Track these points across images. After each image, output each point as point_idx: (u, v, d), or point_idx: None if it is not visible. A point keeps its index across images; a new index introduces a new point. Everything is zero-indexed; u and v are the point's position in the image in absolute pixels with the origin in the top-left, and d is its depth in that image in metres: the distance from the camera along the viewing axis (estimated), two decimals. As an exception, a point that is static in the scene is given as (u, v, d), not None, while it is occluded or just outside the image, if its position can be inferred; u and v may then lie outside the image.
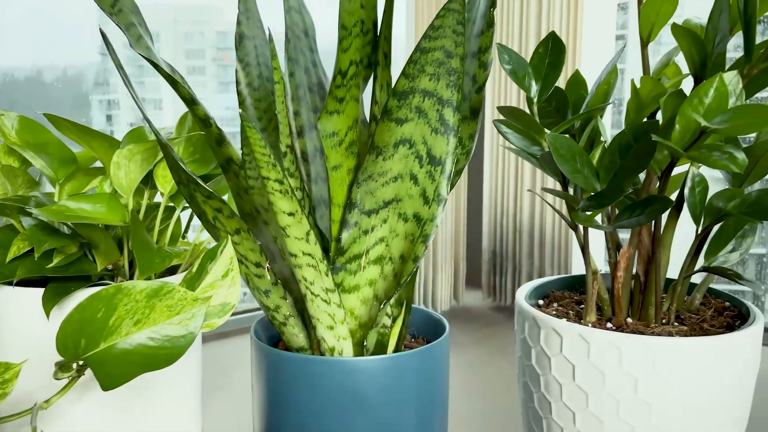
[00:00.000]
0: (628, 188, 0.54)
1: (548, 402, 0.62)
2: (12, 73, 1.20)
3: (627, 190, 0.54)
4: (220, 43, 1.86)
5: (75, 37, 1.36)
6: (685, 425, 0.56)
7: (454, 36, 0.59)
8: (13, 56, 1.18)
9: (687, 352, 0.55)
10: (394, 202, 0.65)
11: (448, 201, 1.42)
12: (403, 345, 0.74)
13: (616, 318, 0.65)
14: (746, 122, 0.47)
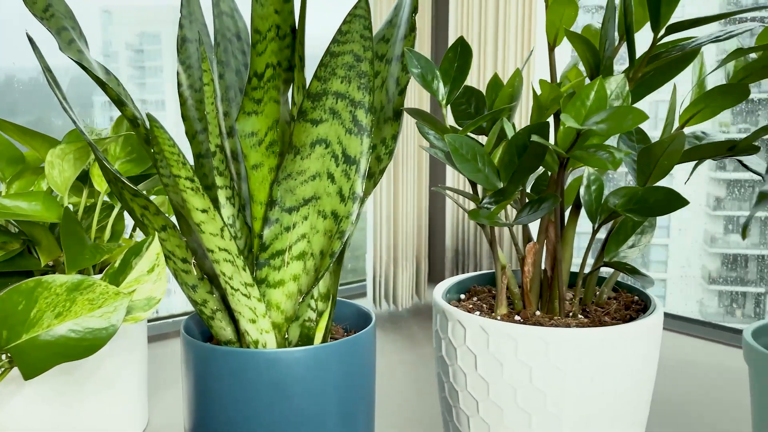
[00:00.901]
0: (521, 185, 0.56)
1: (456, 391, 0.65)
2: (14, 75, 1.21)
3: (519, 188, 0.56)
4: None
5: None
6: (581, 413, 0.59)
7: (362, 41, 0.62)
8: (15, 58, 1.19)
9: (578, 342, 0.58)
10: (313, 200, 0.68)
11: (412, 199, 1.45)
12: (330, 338, 0.77)
13: (525, 311, 0.67)
14: (617, 123, 0.49)
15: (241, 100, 0.65)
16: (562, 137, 0.54)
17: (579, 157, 0.53)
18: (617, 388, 0.59)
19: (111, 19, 3.09)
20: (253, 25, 0.63)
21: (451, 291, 0.75)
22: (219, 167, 0.73)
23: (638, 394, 0.62)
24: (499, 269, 0.67)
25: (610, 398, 0.59)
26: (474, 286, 0.78)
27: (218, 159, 0.73)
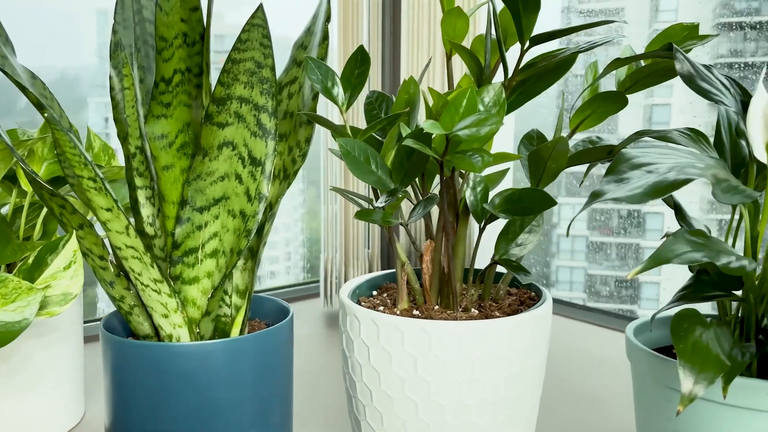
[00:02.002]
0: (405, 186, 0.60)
1: (354, 381, 0.68)
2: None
3: (402, 189, 0.60)
4: (218, 46, 1.92)
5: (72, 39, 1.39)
6: (462, 401, 0.63)
7: (261, 48, 0.65)
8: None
9: (458, 334, 0.61)
10: (223, 200, 0.71)
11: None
12: (247, 332, 0.80)
13: (425, 306, 0.71)
14: (477, 129, 0.53)
15: (149, 104, 0.68)
16: (437, 142, 0.57)
17: (451, 160, 0.57)
18: (498, 377, 0.63)
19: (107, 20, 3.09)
20: (158, 33, 0.66)
21: (363, 287, 0.78)
22: (139, 168, 0.76)
23: (522, 383, 0.66)
24: (399, 266, 0.71)
25: (491, 387, 0.63)
26: (386, 282, 0.81)
27: (138, 160, 0.76)
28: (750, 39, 1.46)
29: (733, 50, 1.46)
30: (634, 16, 1.67)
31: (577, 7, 1.71)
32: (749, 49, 1.45)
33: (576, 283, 1.92)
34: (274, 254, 2.08)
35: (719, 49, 1.49)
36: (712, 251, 0.48)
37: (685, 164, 0.49)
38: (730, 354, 0.54)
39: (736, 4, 1.47)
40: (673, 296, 0.62)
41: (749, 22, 1.45)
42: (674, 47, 0.60)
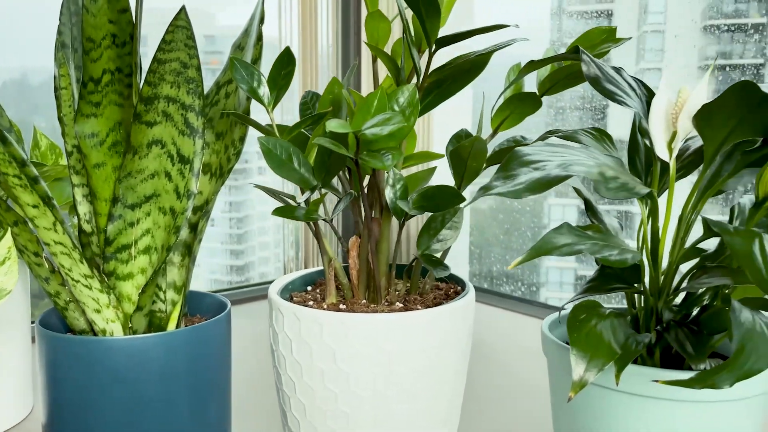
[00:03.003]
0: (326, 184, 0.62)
1: (280, 374, 0.70)
2: (-1, 76, 1.22)
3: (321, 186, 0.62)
4: (208, 46, 1.91)
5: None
6: (380, 391, 0.65)
7: (186, 49, 0.67)
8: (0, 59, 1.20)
9: (374, 326, 0.64)
10: (154, 197, 0.73)
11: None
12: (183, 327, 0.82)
13: (353, 300, 0.73)
14: (381, 128, 0.55)
15: (78, 104, 0.69)
16: (351, 141, 0.59)
17: (364, 159, 0.59)
18: (416, 368, 0.65)
19: None
20: (86, 34, 0.68)
21: (297, 283, 0.80)
22: (75, 166, 0.77)
23: (440, 374, 0.68)
24: (326, 262, 0.73)
25: (409, 378, 0.65)
26: (321, 279, 0.83)
27: (75, 158, 0.77)
28: (737, 41, 1.48)
29: (721, 52, 1.49)
30: (623, 17, 1.70)
31: (567, 8, 1.73)
32: (737, 50, 1.48)
33: (566, 284, 1.94)
34: (265, 255, 2.11)
35: (707, 51, 1.52)
36: (596, 245, 0.50)
37: (572, 161, 0.52)
38: (625, 343, 0.56)
39: (724, 6, 1.49)
40: (580, 289, 0.65)
41: (737, 24, 1.48)
42: (581, 50, 0.63)
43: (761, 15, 1.48)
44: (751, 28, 1.47)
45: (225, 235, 2.43)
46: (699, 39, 1.54)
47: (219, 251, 2.47)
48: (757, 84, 0.53)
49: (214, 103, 0.82)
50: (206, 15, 1.84)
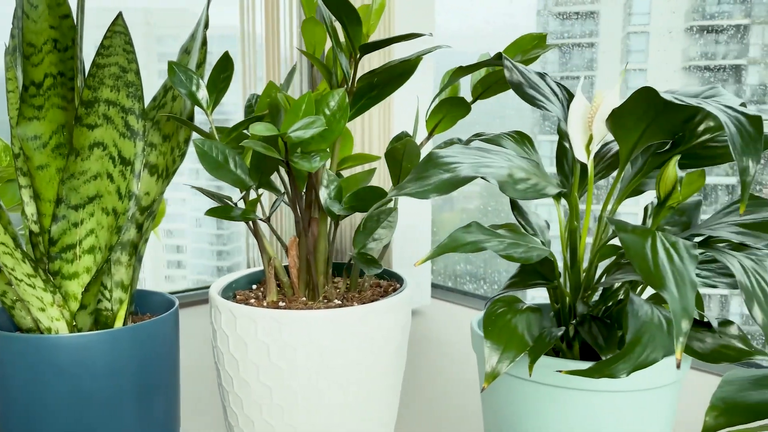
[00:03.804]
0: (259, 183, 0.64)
1: (219, 370, 0.72)
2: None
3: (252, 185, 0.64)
4: None
5: None
6: (313, 385, 0.67)
7: (125, 54, 0.69)
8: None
9: (307, 322, 0.66)
10: (97, 198, 0.74)
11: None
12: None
13: (293, 297, 0.75)
14: (304, 131, 0.58)
15: (20, 107, 0.71)
16: (281, 144, 0.62)
17: (293, 160, 0.61)
18: (349, 362, 0.68)
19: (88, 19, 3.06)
20: (26, 39, 0.69)
21: (241, 281, 0.82)
22: (23, 168, 0.79)
23: (374, 368, 0.70)
24: (266, 261, 0.75)
25: (342, 372, 0.68)
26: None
27: (21, 160, 0.79)
28: (721, 42, 1.52)
29: (704, 53, 1.52)
30: (608, 18, 1.72)
31: (553, 9, 1.75)
32: (720, 51, 1.51)
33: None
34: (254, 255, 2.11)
35: (690, 52, 1.55)
36: (502, 242, 0.53)
37: (484, 164, 0.54)
38: (540, 336, 0.59)
39: (707, 7, 1.52)
40: (503, 285, 0.67)
41: (721, 25, 1.51)
42: (503, 56, 0.66)
43: (744, 16, 1.51)
44: (733, 29, 1.51)
45: (212, 236, 2.43)
46: (683, 40, 1.57)
47: (207, 252, 2.47)
48: (656, 90, 0.56)
49: (162, 106, 0.84)
50: (192, 15, 1.85)
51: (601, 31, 1.74)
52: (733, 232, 0.55)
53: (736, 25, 1.50)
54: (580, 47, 1.75)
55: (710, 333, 0.60)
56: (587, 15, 1.74)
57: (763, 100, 1.50)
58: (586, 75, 1.71)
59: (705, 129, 0.62)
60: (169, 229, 2.66)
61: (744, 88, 1.51)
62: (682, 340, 0.44)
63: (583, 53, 1.74)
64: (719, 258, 0.53)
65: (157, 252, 2.97)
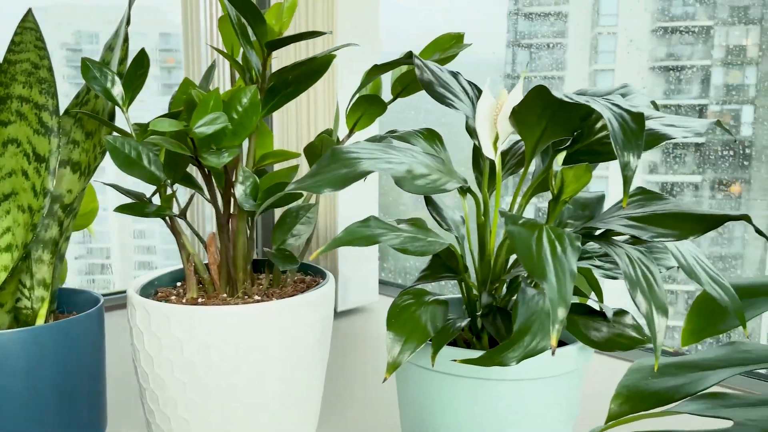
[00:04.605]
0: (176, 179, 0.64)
1: (136, 367, 0.72)
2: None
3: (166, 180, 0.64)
4: (162, 44, 1.87)
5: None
6: (228, 381, 0.68)
7: (36, 50, 0.68)
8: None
9: (220, 319, 0.66)
10: (12, 195, 0.73)
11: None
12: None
13: (213, 294, 0.76)
14: (208, 126, 0.58)
15: None
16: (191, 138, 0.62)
17: (202, 157, 0.61)
18: (264, 358, 0.68)
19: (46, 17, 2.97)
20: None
21: (164, 279, 0.82)
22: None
23: (291, 363, 0.71)
24: (184, 258, 0.75)
25: (257, 367, 0.68)
26: (191, 274, 0.85)
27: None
28: (686, 43, 1.55)
29: (670, 54, 1.55)
30: (577, 19, 1.74)
31: (524, 10, 1.77)
32: (686, 52, 1.55)
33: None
34: None
35: (657, 53, 1.58)
36: (399, 237, 0.54)
37: (385, 159, 0.56)
38: (443, 327, 0.61)
39: (673, 9, 1.56)
40: (415, 278, 0.69)
41: (686, 26, 1.54)
42: (413, 55, 0.67)
43: (708, 18, 1.55)
44: (698, 31, 1.54)
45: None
46: (649, 41, 1.60)
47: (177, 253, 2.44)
48: (548, 88, 0.58)
49: (84, 103, 0.83)
50: (159, 12, 1.82)
51: (569, 31, 1.77)
52: (622, 225, 0.57)
53: (701, 27, 1.54)
54: (550, 47, 1.78)
55: (606, 322, 0.62)
56: (556, 16, 1.77)
57: (726, 101, 1.54)
58: (556, 75, 1.74)
59: (602, 126, 0.64)
60: (141, 229, 2.62)
61: (709, 88, 1.55)
62: (557, 327, 0.46)
63: (552, 53, 1.77)
64: (606, 249, 0.55)
65: (128, 253, 2.92)
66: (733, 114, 1.53)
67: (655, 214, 0.57)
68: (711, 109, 1.56)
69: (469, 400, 0.61)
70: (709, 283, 0.57)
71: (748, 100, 1.52)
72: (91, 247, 3.32)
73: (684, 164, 1.63)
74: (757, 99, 1.51)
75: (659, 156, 1.67)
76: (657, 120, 0.62)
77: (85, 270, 3.25)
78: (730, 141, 1.49)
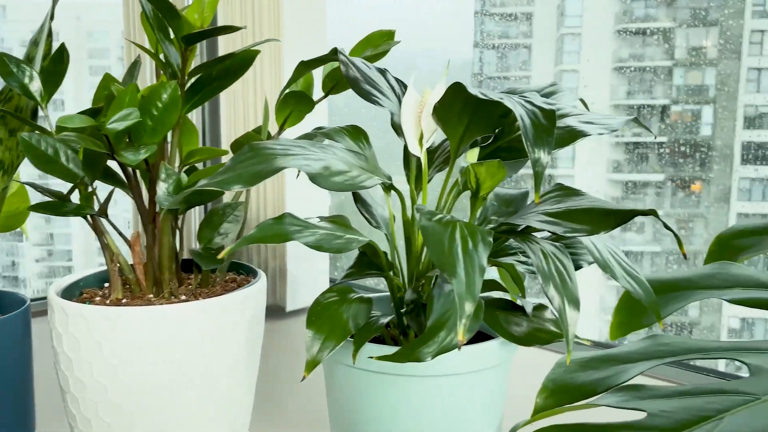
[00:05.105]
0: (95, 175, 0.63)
1: (57, 370, 0.70)
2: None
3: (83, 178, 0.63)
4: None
5: None
6: (153, 382, 0.66)
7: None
8: None
9: (141, 319, 0.65)
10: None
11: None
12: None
13: (140, 294, 0.74)
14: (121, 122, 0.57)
15: None
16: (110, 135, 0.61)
17: (119, 153, 0.60)
18: (187, 358, 0.67)
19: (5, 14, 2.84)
20: None
21: (90, 279, 0.80)
22: None
23: (213, 363, 0.69)
24: (108, 258, 0.73)
25: (180, 367, 0.67)
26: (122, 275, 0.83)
27: None
28: (648, 44, 1.57)
29: (633, 55, 1.57)
30: (542, 20, 1.75)
31: (490, 10, 1.77)
32: (648, 53, 1.57)
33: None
34: None
35: (620, 53, 1.60)
36: (314, 234, 0.54)
37: (302, 155, 0.55)
38: (367, 324, 0.61)
39: (635, 11, 1.58)
40: (342, 275, 0.69)
41: (648, 28, 1.57)
42: (338, 52, 0.67)
43: (669, 20, 1.58)
44: (660, 32, 1.57)
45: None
46: (613, 42, 1.62)
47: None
48: (464, 85, 0.58)
49: (8, 100, 0.80)
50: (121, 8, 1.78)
51: (535, 32, 1.78)
52: (539, 221, 0.58)
53: (663, 29, 1.57)
54: (516, 48, 1.79)
55: (526, 318, 0.63)
56: (522, 16, 1.78)
57: (687, 101, 1.58)
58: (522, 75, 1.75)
59: (522, 123, 0.65)
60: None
61: (671, 89, 1.58)
62: (464, 322, 0.46)
63: (518, 54, 1.78)
64: (520, 244, 0.56)
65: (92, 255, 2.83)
66: (693, 114, 1.56)
67: (569, 209, 0.58)
68: (673, 109, 1.59)
69: (391, 397, 0.61)
70: (624, 277, 0.58)
71: (708, 100, 1.56)
72: (53, 249, 3.21)
73: (647, 163, 1.66)
74: (717, 99, 1.55)
75: (623, 155, 1.70)
76: (575, 117, 0.63)
77: (47, 273, 3.13)
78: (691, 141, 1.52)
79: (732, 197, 1.54)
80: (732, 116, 1.50)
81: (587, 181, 1.68)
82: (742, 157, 1.47)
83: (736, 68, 1.48)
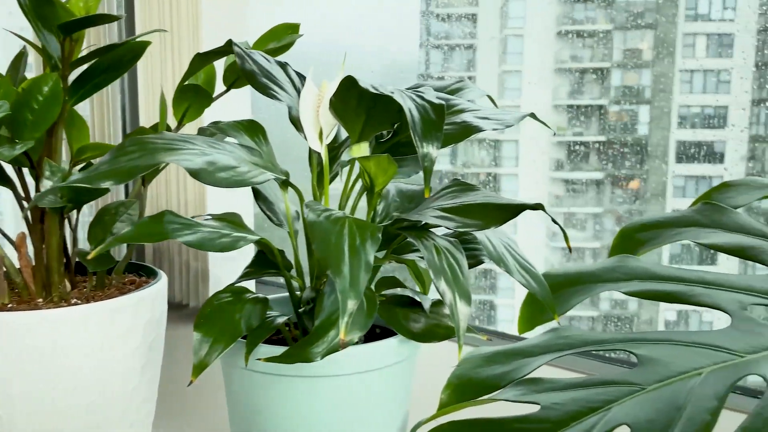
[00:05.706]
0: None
1: (-68, 382, 0.66)
2: None
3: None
4: None
5: None
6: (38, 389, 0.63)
7: None
8: None
9: (26, 325, 0.61)
10: None
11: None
12: None
13: (29, 299, 0.70)
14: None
15: None
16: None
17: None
18: (76, 364, 0.64)
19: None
20: None
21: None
22: None
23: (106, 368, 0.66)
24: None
25: (68, 374, 0.64)
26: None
27: None
28: (587, 46, 1.59)
29: (573, 56, 1.59)
30: (486, 21, 1.76)
31: (435, 11, 1.76)
32: (587, 55, 1.59)
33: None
34: None
35: (561, 55, 1.61)
36: (196, 232, 0.52)
37: (186, 150, 0.53)
38: (261, 324, 0.59)
39: (575, 13, 1.60)
40: (240, 273, 0.67)
41: (587, 30, 1.59)
42: (233, 44, 0.65)
43: (607, 22, 1.61)
44: (599, 34, 1.60)
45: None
46: (554, 43, 1.65)
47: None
48: (356, 79, 0.57)
49: None
50: None
51: (479, 33, 1.80)
52: (434, 216, 0.58)
53: (601, 30, 1.61)
54: (461, 48, 1.81)
55: (424, 314, 0.63)
56: (467, 17, 1.79)
57: (624, 101, 1.61)
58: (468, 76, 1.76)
59: (421, 118, 0.64)
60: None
61: (609, 89, 1.62)
62: (346, 319, 0.45)
63: (463, 54, 1.79)
64: (412, 240, 0.56)
65: None
66: (630, 114, 1.61)
67: (463, 204, 0.58)
68: (611, 108, 1.64)
69: (288, 399, 0.60)
70: (518, 272, 0.59)
71: (644, 100, 1.61)
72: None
73: (587, 161, 1.70)
74: (652, 100, 1.60)
75: (564, 154, 1.74)
76: (471, 113, 0.63)
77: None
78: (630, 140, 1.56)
79: (667, 194, 1.59)
80: (667, 116, 1.55)
81: (531, 180, 1.70)
82: (676, 155, 1.53)
83: (671, 69, 1.53)
